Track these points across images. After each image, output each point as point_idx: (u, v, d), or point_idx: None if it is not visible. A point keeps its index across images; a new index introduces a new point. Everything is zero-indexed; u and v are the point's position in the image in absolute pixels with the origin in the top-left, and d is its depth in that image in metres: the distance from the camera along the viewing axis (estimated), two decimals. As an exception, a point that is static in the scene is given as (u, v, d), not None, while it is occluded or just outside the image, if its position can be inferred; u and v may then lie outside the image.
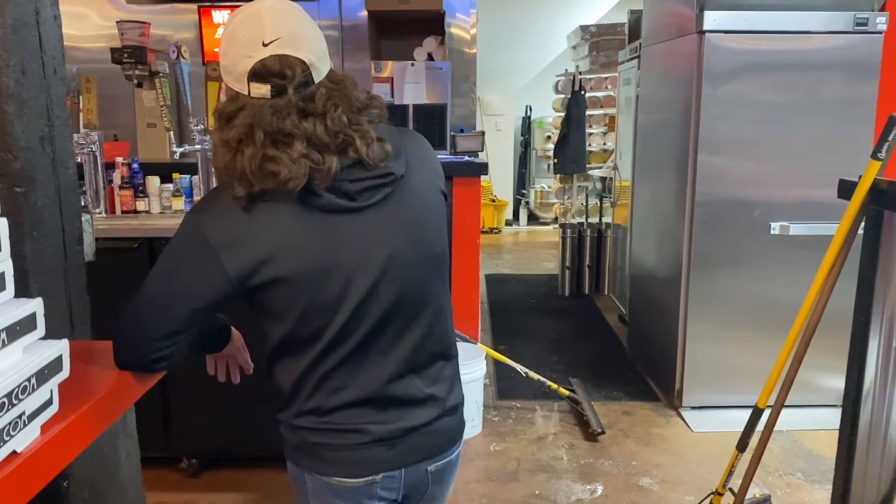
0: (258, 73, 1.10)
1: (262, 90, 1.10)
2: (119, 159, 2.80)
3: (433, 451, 1.29)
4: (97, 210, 2.69)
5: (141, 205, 2.81)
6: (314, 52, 1.13)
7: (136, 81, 3.32)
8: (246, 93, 1.11)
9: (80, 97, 2.85)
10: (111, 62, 3.47)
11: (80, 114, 2.86)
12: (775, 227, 3.18)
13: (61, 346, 0.91)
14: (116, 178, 2.79)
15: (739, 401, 3.24)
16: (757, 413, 2.21)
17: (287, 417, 1.24)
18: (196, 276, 1.12)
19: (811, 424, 3.18)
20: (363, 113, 1.15)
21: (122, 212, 2.79)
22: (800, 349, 2.06)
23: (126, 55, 3.41)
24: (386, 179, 1.16)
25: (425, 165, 1.25)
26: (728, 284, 3.28)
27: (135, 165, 2.82)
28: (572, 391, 3.44)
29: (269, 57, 1.09)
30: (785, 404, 2.12)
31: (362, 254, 1.16)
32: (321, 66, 1.14)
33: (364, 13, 4.35)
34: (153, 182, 2.83)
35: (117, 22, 3.54)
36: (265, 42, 1.10)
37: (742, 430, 2.30)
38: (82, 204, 2.70)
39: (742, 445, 2.25)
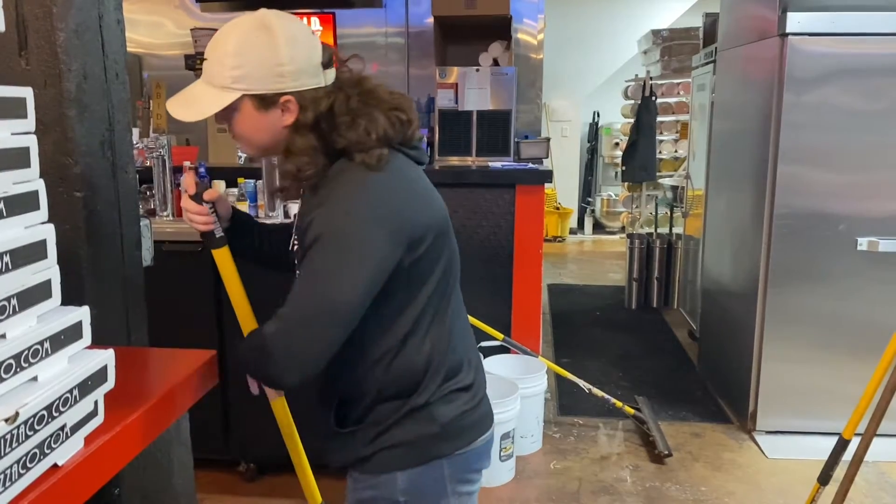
0: (331, 58, 1.19)
1: (332, 74, 1.19)
2: (187, 163, 2.85)
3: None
4: (164, 213, 2.74)
5: (207, 209, 2.84)
6: None
7: (207, 87, 3.40)
8: (323, 83, 1.17)
9: (151, 102, 2.92)
10: (185, 68, 3.57)
11: (151, 118, 2.93)
12: (863, 243, 2.95)
13: (106, 357, 0.88)
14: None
15: (820, 427, 3.05)
16: (842, 444, 2.05)
17: (421, 401, 1.23)
18: (379, 259, 1.13)
19: (900, 456, 2.95)
20: None
21: (189, 215, 2.83)
22: (893, 376, 1.89)
23: (199, 61, 3.50)
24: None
25: None
26: (809, 302, 3.08)
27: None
28: (638, 410, 3.30)
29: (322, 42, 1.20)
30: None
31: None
32: None
33: (430, 19, 4.34)
34: (219, 186, 2.86)
35: (191, 29, 3.65)
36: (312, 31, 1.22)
37: (823, 460, 2.15)
38: (150, 207, 2.77)
39: (824, 478, 2.09)
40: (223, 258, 1.32)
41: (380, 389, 1.23)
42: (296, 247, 1.27)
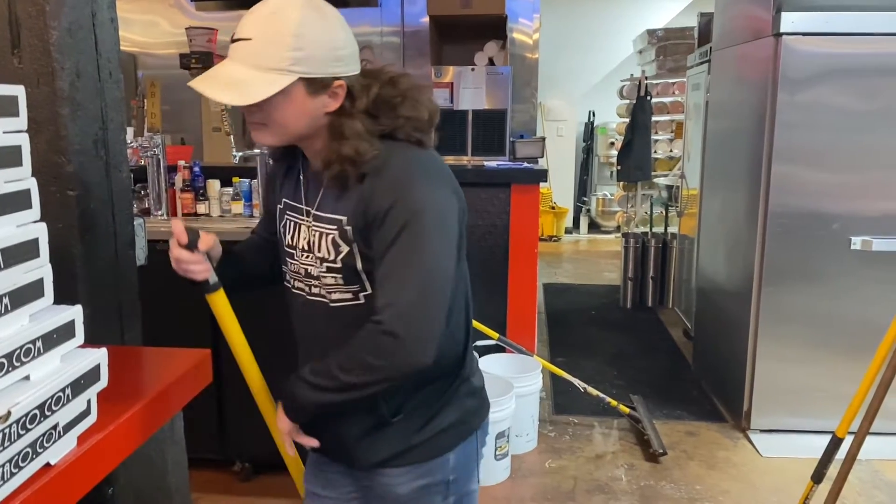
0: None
1: (360, 62, 1.19)
2: (181, 162, 2.85)
3: None
4: (159, 212, 2.73)
5: (201, 208, 2.84)
6: None
7: (202, 86, 3.38)
8: (357, 71, 1.16)
9: (146, 101, 2.91)
10: (179, 67, 3.56)
11: (146, 118, 2.92)
12: (856, 242, 2.98)
13: (99, 356, 0.88)
14: (178, 181, 2.83)
15: (813, 425, 3.06)
16: (835, 442, 2.06)
17: (465, 374, 1.29)
18: (458, 230, 1.18)
19: (893, 454, 2.96)
20: None
21: (183, 214, 2.83)
22: (886, 374, 1.90)
23: (194, 60, 3.49)
24: None
25: None
26: (803, 301, 3.09)
27: (196, 169, 2.86)
28: (633, 409, 3.31)
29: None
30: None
31: None
32: None
33: (426, 19, 4.33)
34: (214, 185, 2.86)
35: (186, 28, 3.63)
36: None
37: (817, 458, 2.15)
38: (145, 206, 2.77)
39: (818, 477, 2.10)
40: (220, 302, 1.27)
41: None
42: (331, 236, 1.18)
